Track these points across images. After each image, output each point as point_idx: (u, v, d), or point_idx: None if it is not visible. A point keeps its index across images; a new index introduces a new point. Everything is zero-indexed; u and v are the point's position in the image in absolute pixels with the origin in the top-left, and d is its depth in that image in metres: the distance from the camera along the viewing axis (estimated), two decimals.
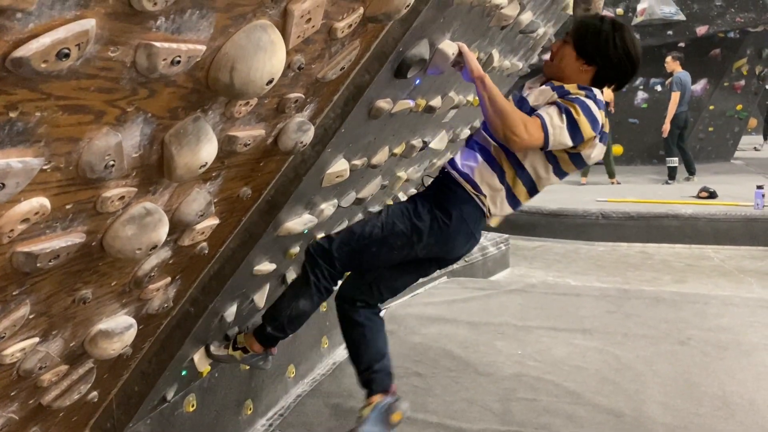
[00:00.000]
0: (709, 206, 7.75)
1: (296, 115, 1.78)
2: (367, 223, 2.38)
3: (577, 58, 2.26)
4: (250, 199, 1.92)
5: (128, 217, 1.38)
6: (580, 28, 2.26)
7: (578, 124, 2.12)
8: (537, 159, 2.28)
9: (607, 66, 2.25)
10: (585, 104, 2.15)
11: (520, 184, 2.33)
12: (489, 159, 2.33)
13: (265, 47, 1.27)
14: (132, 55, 1.05)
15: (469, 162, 2.36)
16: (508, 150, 2.27)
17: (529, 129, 2.09)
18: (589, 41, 2.24)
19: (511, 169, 2.31)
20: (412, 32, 1.94)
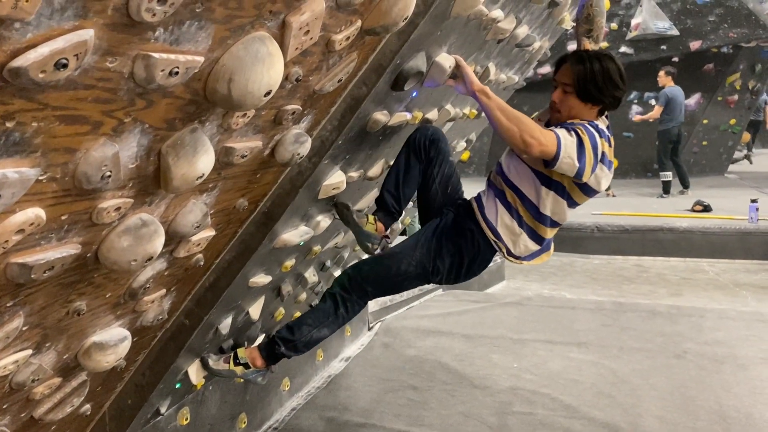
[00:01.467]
0: (703, 220, 7.77)
1: (293, 127, 1.78)
2: (402, 260, 2.44)
3: (584, 104, 2.33)
4: (247, 210, 1.91)
5: (124, 228, 1.37)
6: (577, 78, 2.31)
7: (584, 144, 2.21)
8: (550, 200, 2.35)
9: (611, 98, 2.34)
10: (589, 129, 2.25)
11: (540, 224, 2.40)
12: (506, 205, 2.41)
13: (263, 59, 1.27)
14: (130, 66, 1.05)
15: (490, 208, 2.44)
16: (523, 195, 2.37)
17: (545, 134, 2.17)
18: (591, 87, 2.30)
19: (527, 213, 2.38)
20: (409, 45, 1.95)
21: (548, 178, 2.31)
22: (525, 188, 2.36)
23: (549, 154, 2.17)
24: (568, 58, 2.38)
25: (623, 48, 10.76)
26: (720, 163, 12.71)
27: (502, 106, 2.19)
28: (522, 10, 2.67)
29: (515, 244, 2.42)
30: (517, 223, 2.39)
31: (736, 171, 13.01)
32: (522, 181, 2.37)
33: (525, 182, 2.36)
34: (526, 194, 2.36)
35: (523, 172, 2.37)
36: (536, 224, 2.39)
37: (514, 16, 2.61)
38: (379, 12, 1.64)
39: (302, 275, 2.85)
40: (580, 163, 2.20)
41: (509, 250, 2.43)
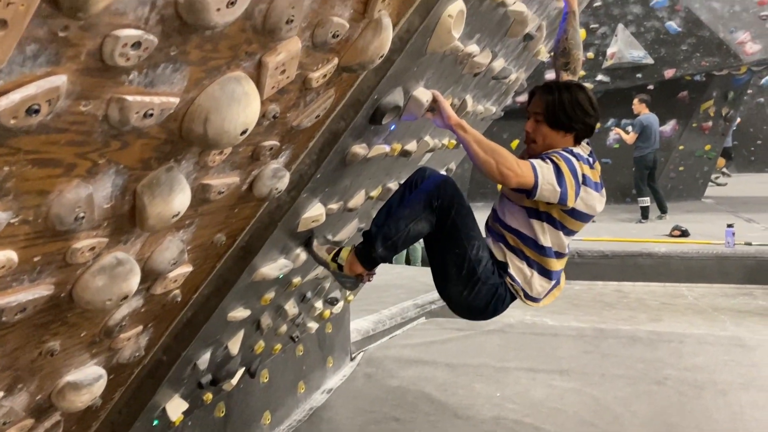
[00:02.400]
0: (681, 245, 7.87)
1: (271, 162, 1.79)
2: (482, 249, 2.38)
3: (556, 132, 2.38)
4: (225, 245, 1.91)
5: (99, 267, 1.36)
6: (546, 107, 2.37)
7: (561, 168, 2.23)
8: (549, 233, 2.37)
9: (582, 125, 2.39)
10: (563, 155, 2.29)
11: (546, 258, 2.40)
12: (511, 248, 2.42)
13: (239, 99, 1.28)
14: (104, 109, 1.05)
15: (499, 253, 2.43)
16: (522, 234, 2.38)
17: (521, 165, 2.20)
18: (559, 115, 2.35)
19: (531, 250, 2.40)
20: (386, 81, 1.98)
21: (537, 211, 2.34)
22: (521, 227, 2.39)
23: (527, 184, 2.20)
24: (538, 89, 2.44)
25: (600, 76, 10.98)
26: (697, 188, 12.92)
27: (478, 139, 2.22)
28: (497, 44, 2.72)
29: (530, 285, 2.41)
30: (526, 264, 2.40)
31: (712, 196, 13.22)
32: (516, 221, 2.40)
33: (519, 221, 2.39)
34: (524, 232, 2.39)
35: (516, 212, 2.40)
36: (542, 258, 2.40)
37: (489, 50, 2.66)
38: (355, 50, 1.66)
39: (282, 307, 2.83)
40: (561, 187, 2.22)
41: (526, 293, 2.42)
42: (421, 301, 5.70)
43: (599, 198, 2.38)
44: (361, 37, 1.66)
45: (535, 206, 2.32)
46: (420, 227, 2.30)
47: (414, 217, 2.30)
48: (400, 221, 2.31)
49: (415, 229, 2.30)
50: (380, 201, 3.03)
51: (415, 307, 5.56)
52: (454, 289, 2.39)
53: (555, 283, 2.52)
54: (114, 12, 0.92)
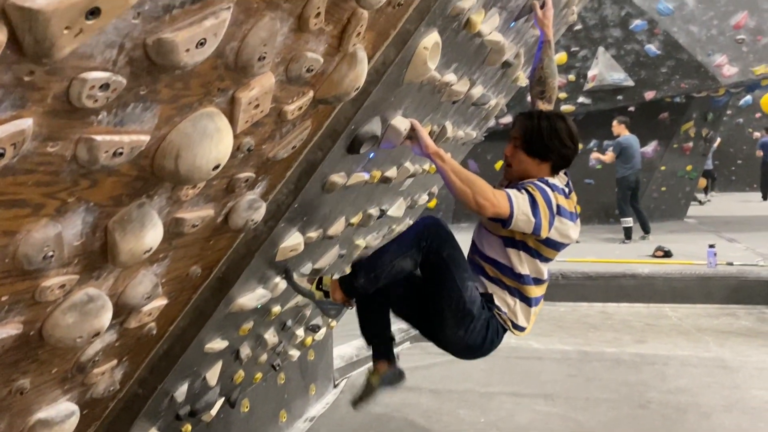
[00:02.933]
0: (665, 265, 7.91)
1: (247, 193, 1.79)
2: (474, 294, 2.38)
3: (532, 159, 2.41)
4: (200, 277, 1.90)
5: (69, 304, 1.34)
6: (524, 133, 2.41)
7: (536, 199, 2.25)
8: (526, 262, 2.38)
9: (558, 156, 2.41)
10: (539, 185, 2.31)
11: (525, 285, 2.42)
12: (491, 279, 2.44)
13: (211, 135, 1.28)
14: (72, 149, 1.05)
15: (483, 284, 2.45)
16: (500, 264, 2.40)
17: (497, 195, 2.22)
18: (535, 142, 2.39)
19: (510, 279, 2.41)
20: (363, 111, 1.99)
21: (513, 240, 2.36)
22: (499, 256, 2.40)
23: (503, 214, 2.21)
24: (519, 115, 2.48)
25: (581, 98, 11.11)
26: (679, 208, 13.04)
27: (456, 168, 2.24)
28: (476, 72, 2.75)
29: (516, 314, 2.42)
30: (508, 293, 2.42)
31: (694, 215, 13.35)
32: (494, 250, 2.41)
33: (497, 250, 2.41)
34: (502, 261, 2.40)
35: (493, 242, 2.42)
36: (521, 286, 2.41)
37: (467, 78, 2.69)
38: (331, 83, 1.68)
39: (262, 337, 2.81)
40: (536, 218, 2.24)
41: (513, 322, 2.43)
42: (406, 326, 5.66)
43: (574, 227, 2.40)
44: (336, 70, 1.67)
45: (511, 235, 2.34)
46: (404, 264, 2.33)
47: (400, 254, 2.33)
48: (385, 255, 2.34)
49: (399, 265, 2.32)
50: (361, 227, 3.03)
51: (399, 332, 5.53)
52: (451, 332, 2.40)
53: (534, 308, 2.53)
54: (81, 55, 0.92)
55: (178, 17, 1.03)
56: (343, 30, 1.55)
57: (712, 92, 11.20)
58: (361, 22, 1.56)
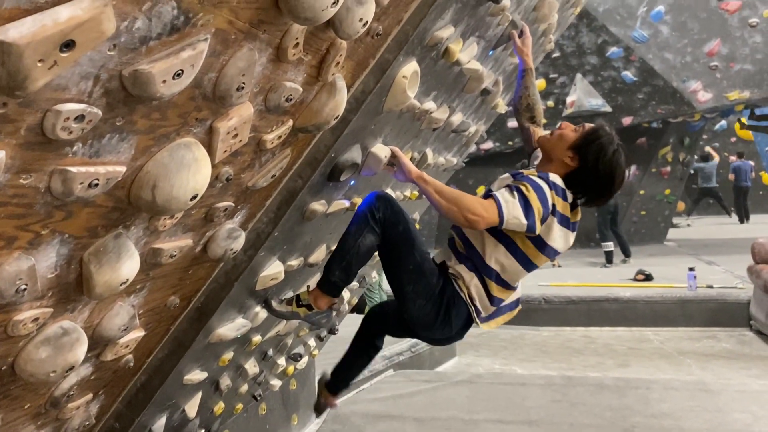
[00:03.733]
0: (646, 289, 7.97)
1: (226, 223, 1.77)
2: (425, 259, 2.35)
3: (569, 148, 2.33)
4: (179, 307, 1.87)
5: (43, 338, 1.31)
6: (594, 130, 2.33)
7: (528, 200, 2.17)
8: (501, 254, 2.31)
9: (587, 170, 2.31)
10: (535, 183, 2.22)
11: (487, 279, 2.34)
12: (458, 254, 2.37)
13: (188, 165, 1.28)
14: (46, 181, 1.03)
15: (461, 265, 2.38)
16: (474, 250, 2.33)
17: (485, 206, 2.16)
18: (589, 142, 2.30)
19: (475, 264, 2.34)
20: (343, 139, 2.00)
21: (503, 235, 2.28)
22: (474, 239, 2.34)
23: (494, 223, 2.18)
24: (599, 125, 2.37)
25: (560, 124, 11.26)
26: (659, 231, 13.19)
27: (439, 188, 2.22)
28: (455, 99, 2.78)
29: (469, 289, 2.34)
30: (466, 269, 2.34)
31: (674, 239, 13.50)
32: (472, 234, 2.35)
33: (474, 233, 2.33)
34: (475, 245, 2.33)
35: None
36: (481, 275, 2.33)
37: (447, 105, 2.71)
38: (310, 112, 1.68)
39: (243, 367, 2.77)
40: (529, 220, 2.17)
41: (471, 299, 2.34)
42: (389, 353, 5.64)
43: (565, 235, 2.31)
44: (315, 99, 1.68)
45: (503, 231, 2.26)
46: (368, 240, 2.28)
47: (360, 233, 2.27)
48: (347, 240, 2.30)
49: (363, 243, 2.27)
50: None
51: (382, 359, 5.49)
52: (413, 304, 2.34)
53: (497, 310, 2.44)
54: (55, 87, 0.91)
55: (155, 49, 1.03)
56: (322, 60, 1.56)
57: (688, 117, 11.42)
58: (340, 51, 1.57)
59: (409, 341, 5.95)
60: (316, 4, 1.20)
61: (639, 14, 10.23)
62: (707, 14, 9.96)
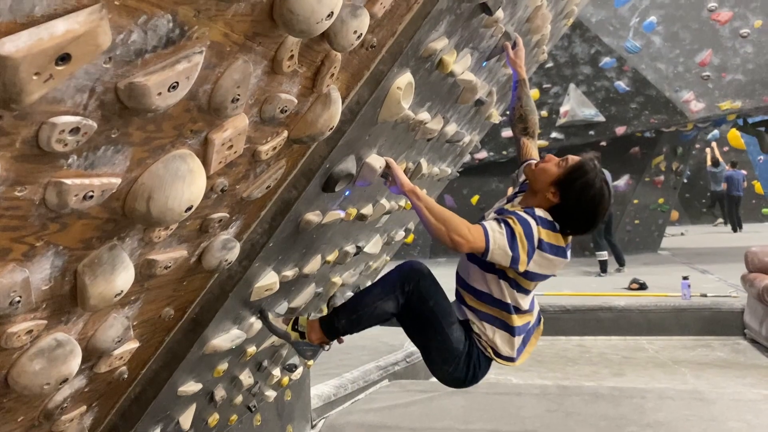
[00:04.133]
0: (640, 298, 7.98)
1: (221, 234, 1.77)
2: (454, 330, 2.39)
3: (551, 183, 2.34)
4: (173, 318, 1.87)
5: (36, 350, 1.31)
6: (577, 167, 2.34)
7: (515, 233, 2.22)
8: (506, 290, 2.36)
9: (568, 207, 2.33)
10: (521, 218, 2.27)
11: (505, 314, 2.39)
12: (472, 309, 2.43)
13: (183, 176, 1.28)
14: (41, 193, 1.04)
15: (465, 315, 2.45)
16: (480, 292, 2.40)
17: (472, 231, 2.21)
18: (572, 180, 2.31)
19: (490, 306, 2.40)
20: (338, 150, 2.00)
21: (493, 267, 2.34)
22: (479, 284, 2.40)
23: (478, 249, 2.22)
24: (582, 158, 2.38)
25: (554, 134, 11.32)
26: (653, 240, 13.23)
27: (430, 206, 2.25)
28: (449, 110, 2.80)
29: (495, 344, 2.40)
30: (487, 323, 2.40)
31: (668, 248, 13.54)
32: (474, 279, 2.41)
33: (477, 279, 2.40)
34: (481, 289, 2.39)
35: (473, 270, 2.42)
36: (501, 314, 2.39)
37: (441, 116, 2.73)
38: (305, 123, 1.69)
39: (237, 378, 2.76)
40: (513, 252, 2.22)
41: (496, 351, 2.41)
42: (384, 363, 5.62)
43: (558, 262, 2.34)
44: (310, 110, 1.69)
45: (491, 264, 2.32)
46: (387, 307, 2.33)
47: (383, 296, 2.33)
48: (367, 297, 2.35)
49: (381, 307, 2.32)
50: (337, 265, 3.02)
51: (377, 369, 5.48)
52: (438, 368, 2.45)
53: (524, 340, 2.49)
54: (51, 100, 0.92)
55: (150, 61, 1.03)
56: (317, 71, 1.57)
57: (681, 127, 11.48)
58: (335, 63, 1.58)
59: (404, 351, 5.94)
60: (311, 17, 1.21)
61: (631, 25, 10.31)
62: (699, 25, 10.04)
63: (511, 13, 2.71)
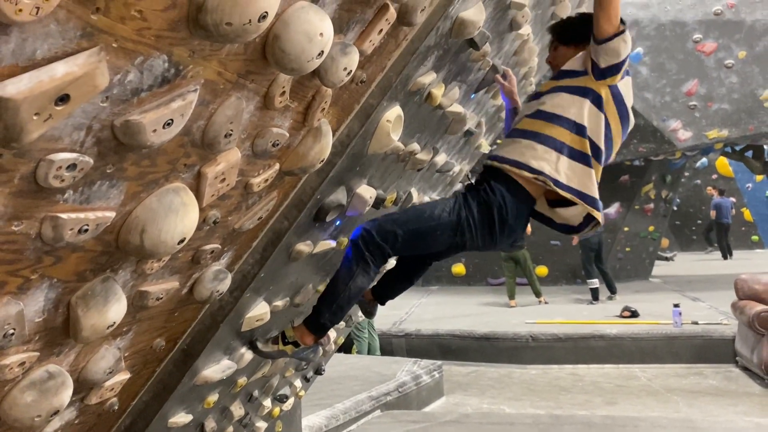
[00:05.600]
0: (632, 325, 8.00)
1: (213, 264, 1.79)
2: (436, 206, 2.36)
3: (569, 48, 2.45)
4: (165, 349, 1.88)
5: (28, 382, 1.32)
6: (556, 30, 2.55)
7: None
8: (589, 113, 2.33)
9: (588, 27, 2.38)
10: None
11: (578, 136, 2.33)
12: (537, 137, 2.35)
13: (176, 210, 1.31)
14: (37, 228, 1.06)
15: (513, 152, 2.37)
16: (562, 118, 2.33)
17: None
18: (567, 31, 2.50)
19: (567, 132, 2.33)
20: (329, 181, 2.04)
21: (584, 89, 2.33)
22: (564, 110, 2.34)
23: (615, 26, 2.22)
24: (550, 29, 2.63)
25: None
26: (644, 267, 13.29)
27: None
28: (438, 141, 2.85)
29: (558, 171, 2.31)
30: (553, 149, 2.32)
31: (659, 275, 13.59)
32: (557, 104, 2.36)
33: (561, 102, 2.35)
34: (566, 115, 2.33)
35: (561, 98, 2.37)
36: (574, 138, 2.33)
37: (431, 147, 2.77)
38: (296, 156, 1.73)
39: (228, 409, 2.75)
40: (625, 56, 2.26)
41: (553, 178, 2.30)
42: (376, 393, 5.59)
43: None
44: (301, 143, 1.72)
45: (582, 84, 2.33)
46: (359, 282, 2.30)
47: (350, 275, 2.29)
48: (338, 283, 2.32)
49: (355, 285, 2.29)
50: None
51: (369, 400, 5.45)
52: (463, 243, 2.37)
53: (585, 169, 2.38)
54: (49, 138, 0.95)
55: (146, 99, 1.07)
56: (308, 106, 1.61)
57: (669, 155, 11.63)
58: (326, 98, 1.63)
59: (396, 380, 5.92)
60: (302, 56, 1.25)
61: None
62: (684, 55, 10.24)
63: (498, 47, 2.78)
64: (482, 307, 10.13)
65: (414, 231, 2.31)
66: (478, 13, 2.15)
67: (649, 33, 10.26)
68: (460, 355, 7.98)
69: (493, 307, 10.06)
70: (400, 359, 7.04)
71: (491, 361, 7.84)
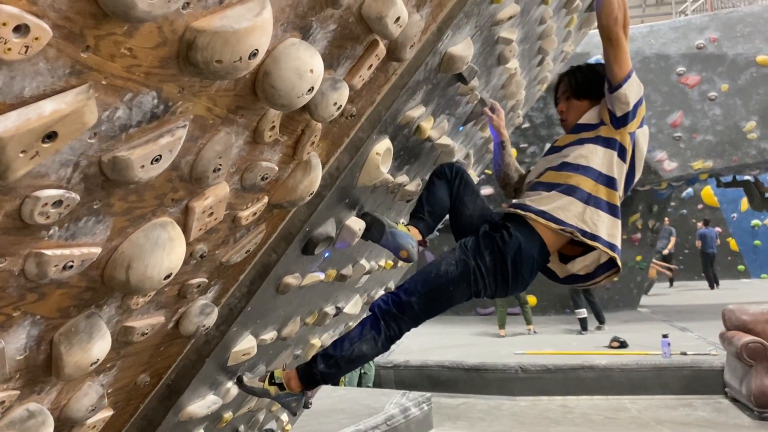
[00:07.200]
0: (621, 356, 7.97)
1: (199, 299, 1.77)
2: (442, 262, 2.33)
3: (582, 102, 2.48)
4: (149, 385, 1.84)
5: (7, 422, 1.28)
6: (570, 82, 2.54)
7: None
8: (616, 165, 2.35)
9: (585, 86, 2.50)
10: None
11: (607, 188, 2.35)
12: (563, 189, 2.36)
13: (163, 245, 1.29)
14: (21, 264, 1.04)
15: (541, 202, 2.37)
16: (588, 168, 2.35)
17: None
18: (582, 85, 2.50)
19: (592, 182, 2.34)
20: (318, 213, 2.03)
21: (607, 140, 2.35)
22: (588, 161, 2.35)
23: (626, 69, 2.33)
24: (561, 76, 2.62)
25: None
26: (632, 298, 13.30)
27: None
28: (428, 172, 2.85)
29: (585, 221, 2.31)
30: (579, 200, 2.32)
31: (647, 305, 13.61)
32: (582, 155, 2.37)
33: (586, 154, 2.36)
34: (587, 165, 2.35)
35: (584, 149, 2.38)
36: (600, 189, 2.34)
37: (420, 178, 2.78)
38: (285, 189, 1.72)
39: None
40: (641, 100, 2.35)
41: (583, 231, 2.30)
42: (364, 427, 5.50)
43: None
44: (291, 176, 1.72)
45: (608, 135, 2.36)
46: (364, 348, 2.29)
47: (359, 339, 2.29)
48: (345, 340, 2.31)
49: (359, 349, 2.28)
50: (317, 326, 3.00)
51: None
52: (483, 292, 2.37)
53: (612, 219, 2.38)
54: (35, 175, 0.94)
55: (135, 135, 1.06)
56: (298, 140, 1.61)
57: (655, 186, 11.75)
58: (315, 132, 1.63)
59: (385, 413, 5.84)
60: (292, 93, 1.26)
61: None
62: (669, 88, 10.42)
63: (486, 81, 2.81)
64: (471, 338, 10.08)
65: (427, 295, 2.31)
66: (466, 48, 2.17)
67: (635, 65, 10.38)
68: (449, 386, 7.89)
69: (483, 337, 10.00)
70: (388, 391, 6.96)
71: (481, 393, 7.76)
